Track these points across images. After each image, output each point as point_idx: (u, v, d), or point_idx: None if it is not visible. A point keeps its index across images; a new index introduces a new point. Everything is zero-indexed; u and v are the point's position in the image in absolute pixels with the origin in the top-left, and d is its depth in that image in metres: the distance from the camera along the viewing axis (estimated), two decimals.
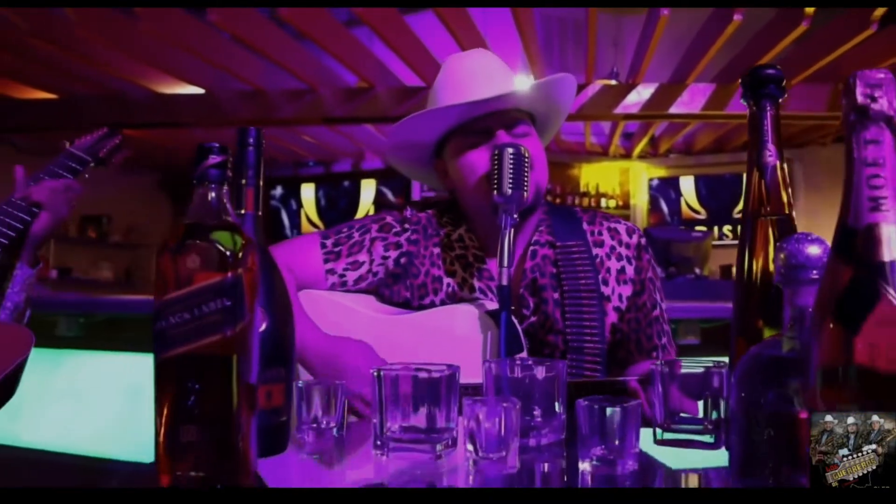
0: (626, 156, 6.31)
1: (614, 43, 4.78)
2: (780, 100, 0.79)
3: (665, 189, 6.47)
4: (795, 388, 0.61)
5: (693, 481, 0.74)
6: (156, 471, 0.63)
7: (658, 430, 0.82)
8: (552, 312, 1.24)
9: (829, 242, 0.64)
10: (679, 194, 6.40)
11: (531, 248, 1.28)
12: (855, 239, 0.53)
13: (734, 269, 0.79)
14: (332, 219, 6.55)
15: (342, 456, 0.84)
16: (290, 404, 0.78)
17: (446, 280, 1.28)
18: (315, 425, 0.84)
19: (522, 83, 1.27)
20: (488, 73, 1.26)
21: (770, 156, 0.77)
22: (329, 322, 1.22)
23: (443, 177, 1.35)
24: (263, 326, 0.72)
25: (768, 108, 0.77)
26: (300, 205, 6.60)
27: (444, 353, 1.09)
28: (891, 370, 0.50)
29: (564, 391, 0.84)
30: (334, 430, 0.84)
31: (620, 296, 1.28)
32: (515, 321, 1.17)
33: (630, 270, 1.30)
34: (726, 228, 6.16)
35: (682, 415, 0.82)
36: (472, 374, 0.94)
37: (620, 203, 6.41)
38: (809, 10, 2.96)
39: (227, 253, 0.61)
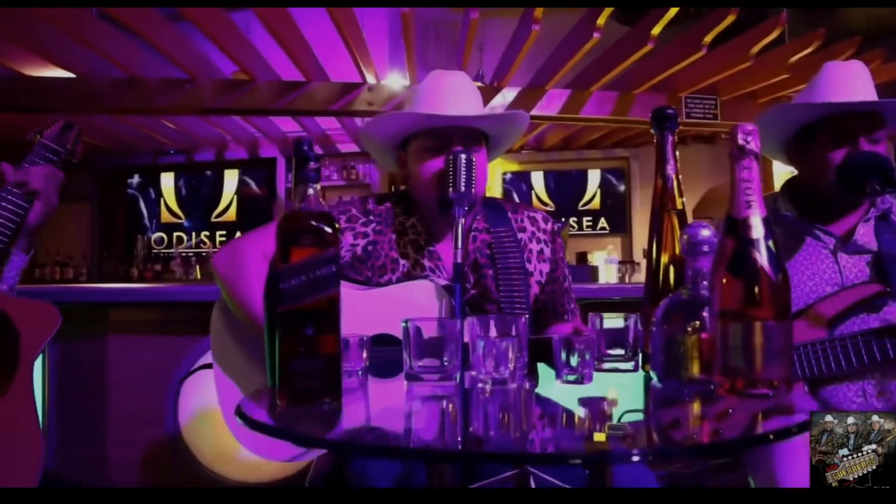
0: None
1: (479, 47, 5.18)
2: (676, 131, 1.15)
3: (517, 183, 7.01)
4: (693, 318, 0.97)
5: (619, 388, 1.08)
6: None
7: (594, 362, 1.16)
8: (489, 285, 1.56)
9: (701, 226, 1.00)
10: (530, 188, 6.96)
11: (472, 233, 1.60)
12: (737, 225, 0.89)
13: (647, 247, 1.14)
14: (193, 209, 6.49)
15: (377, 388, 1.11)
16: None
17: (402, 261, 1.57)
18: (345, 368, 1.09)
19: (480, 107, 1.58)
20: (462, 93, 1.55)
21: (671, 169, 1.13)
22: None
23: (402, 166, 1.63)
24: None
25: (669, 136, 1.13)
26: (159, 194, 6.48)
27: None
28: (755, 310, 0.86)
29: (527, 339, 1.15)
30: (359, 372, 1.11)
31: (541, 272, 1.63)
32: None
33: (547, 251, 1.66)
34: (573, 220, 6.81)
35: (608, 350, 1.17)
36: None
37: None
38: (655, 31, 3.50)
39: (331, 232, 0.87)
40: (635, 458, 0.65)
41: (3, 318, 1.20)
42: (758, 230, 0.88)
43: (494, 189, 6.99)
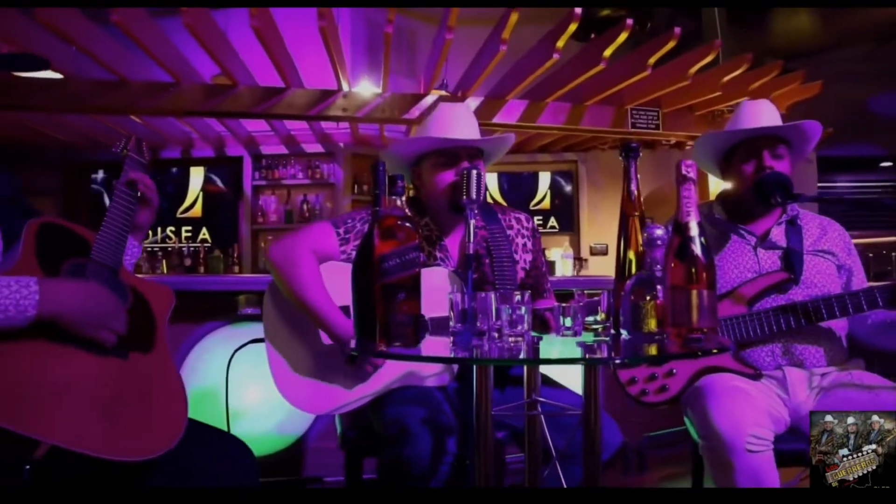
0: None
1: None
2: (637, 159, 1.61)
3: None
4: (652, 291, 1.44)
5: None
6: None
7: None
8: (486, 271, 2.02)
9: (656, 227, 1.47)
10: (485, 188, 7.44)
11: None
12: (681, 227, 1.36)
13: (616, 242, 1.60)
14: (159, 204, 6.72)
15: (431, 341, 1.53)
16: None
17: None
18: None
19: (478, 130, 2.03)
20: (465, 120, 2.01)
21: (633, 186, 1.59)
22: (345, 281, 1.89)
23: (416, 178, 2.07)
24: None
25: (633, 163, 1.59)
26: None
27: (425, 299, 1.82)
28: (693, 283, 1.34)
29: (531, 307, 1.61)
30: None
31: (525, 260, 2.10)
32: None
33: (529, 245, 2.12)
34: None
35: (587, 318, 1.63)
36: (442, 310, 1.64)
37: None
38: (607, 53, 4.01)
39: (414, 229, 1.30)
40: (617, 361, 1.10)
41: (134, 291, 1.57)
42: (694, 230, 1.35)
43: None
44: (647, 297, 1.43)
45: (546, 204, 7.31)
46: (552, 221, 7.26)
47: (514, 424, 1.87)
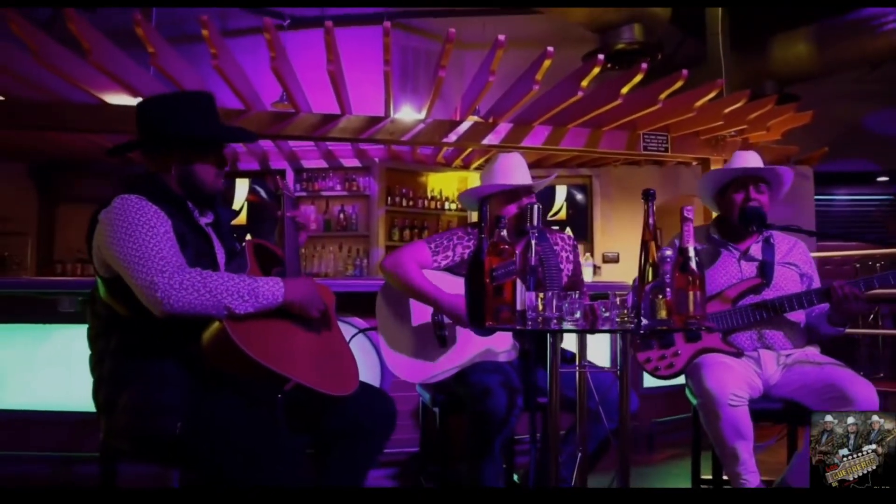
0: (465, 168, 8.04)
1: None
2: (654, 201, 2.42)
3: None
4: (663, 291, 2.24)
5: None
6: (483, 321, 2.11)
7: None
8: (539, 278, 2.82)
9: (666, 249, 2.28)
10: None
11: None
12: (683, 250, 2.18)
13: (638, 259, 2.41)
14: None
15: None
16: None
17: None
18: None
19: (528, 172, 2.85)
20: (522, 167, 2.83)
21: (651, 220, 2.39)
22: (436, 281, 2.71)
23: (480, 209, 2.88)
24: None
25: (651, 204, 2.40)
26: None
27: None
28: (690, 287, 2.15)
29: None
30: None
31: (567, 269, 2.92)
32: None
33: (571, 257, 2.94)
34: None
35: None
36: None
37: (459, 206, 8.11)
38: (624, 90, 4.83)
39: (511, 249, 2.11)
40: (642, 332, 1.90)
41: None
42: (692, 253, 2.16)
43: None
44: (661, 296, 2.24)
45: (562, 215, 8.12)
46: (568, 231, 8.06)
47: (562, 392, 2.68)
